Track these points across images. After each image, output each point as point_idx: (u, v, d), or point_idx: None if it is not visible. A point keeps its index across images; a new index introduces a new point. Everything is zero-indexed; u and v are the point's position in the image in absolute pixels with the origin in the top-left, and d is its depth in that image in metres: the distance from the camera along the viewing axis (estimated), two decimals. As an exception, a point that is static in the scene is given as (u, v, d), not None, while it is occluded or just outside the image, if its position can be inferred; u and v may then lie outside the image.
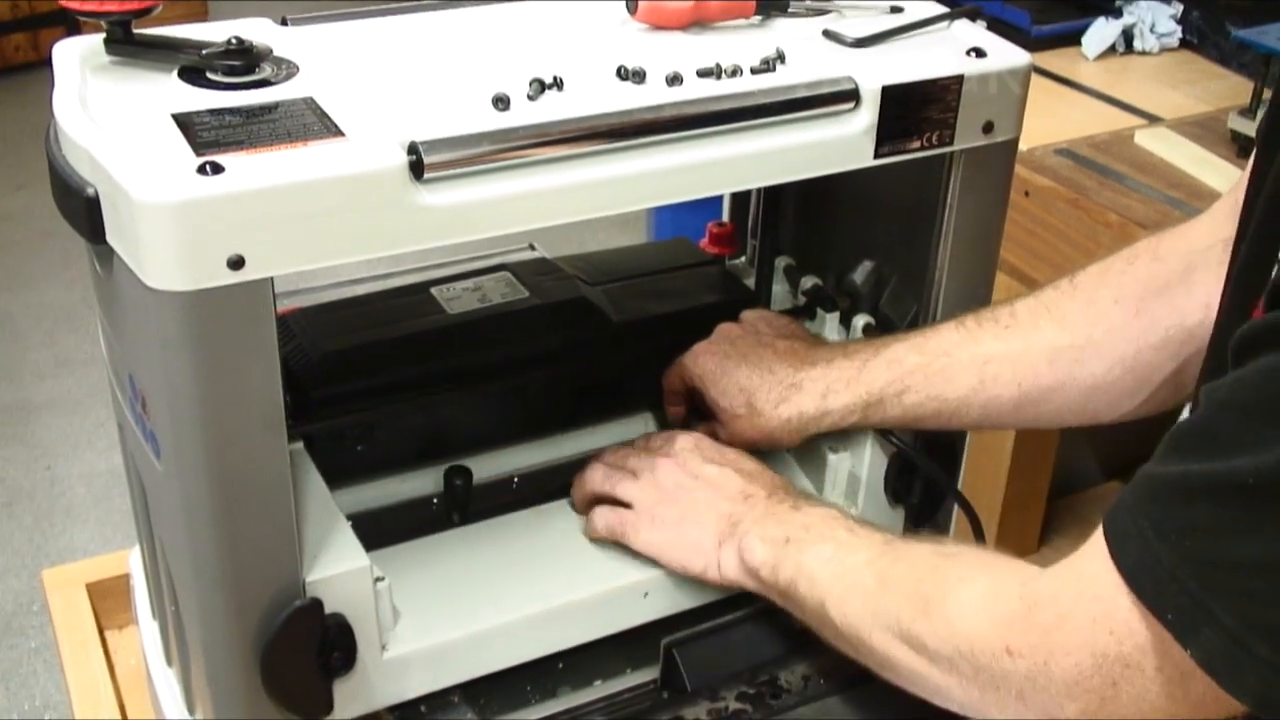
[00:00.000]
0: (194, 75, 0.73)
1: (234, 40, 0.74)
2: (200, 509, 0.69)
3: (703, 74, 0.78)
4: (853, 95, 0.79)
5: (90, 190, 0.66)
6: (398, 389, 0.90)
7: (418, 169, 0.67)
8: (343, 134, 0.68)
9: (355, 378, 0.89)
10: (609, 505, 0.89)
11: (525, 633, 0.84)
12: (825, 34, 0.85)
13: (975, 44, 0.84)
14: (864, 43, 0.83)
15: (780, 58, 0.80)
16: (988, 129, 0.84)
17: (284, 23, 0.82)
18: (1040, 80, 1.85)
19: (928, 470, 0.93)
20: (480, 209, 0.69)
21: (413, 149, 0.67)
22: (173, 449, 0.69)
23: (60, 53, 0.76)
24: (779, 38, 0.84)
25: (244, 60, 0.73)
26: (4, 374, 2.91)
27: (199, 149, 0.65)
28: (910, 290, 0.94)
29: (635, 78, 0.77)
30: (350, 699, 0.78)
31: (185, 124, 0.68)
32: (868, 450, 0.93)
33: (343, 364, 0.89)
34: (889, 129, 0.80)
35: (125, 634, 1.07)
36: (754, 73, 0.79)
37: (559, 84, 0.74)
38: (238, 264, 0.63)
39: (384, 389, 0.90)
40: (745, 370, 0.92)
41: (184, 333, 0.64)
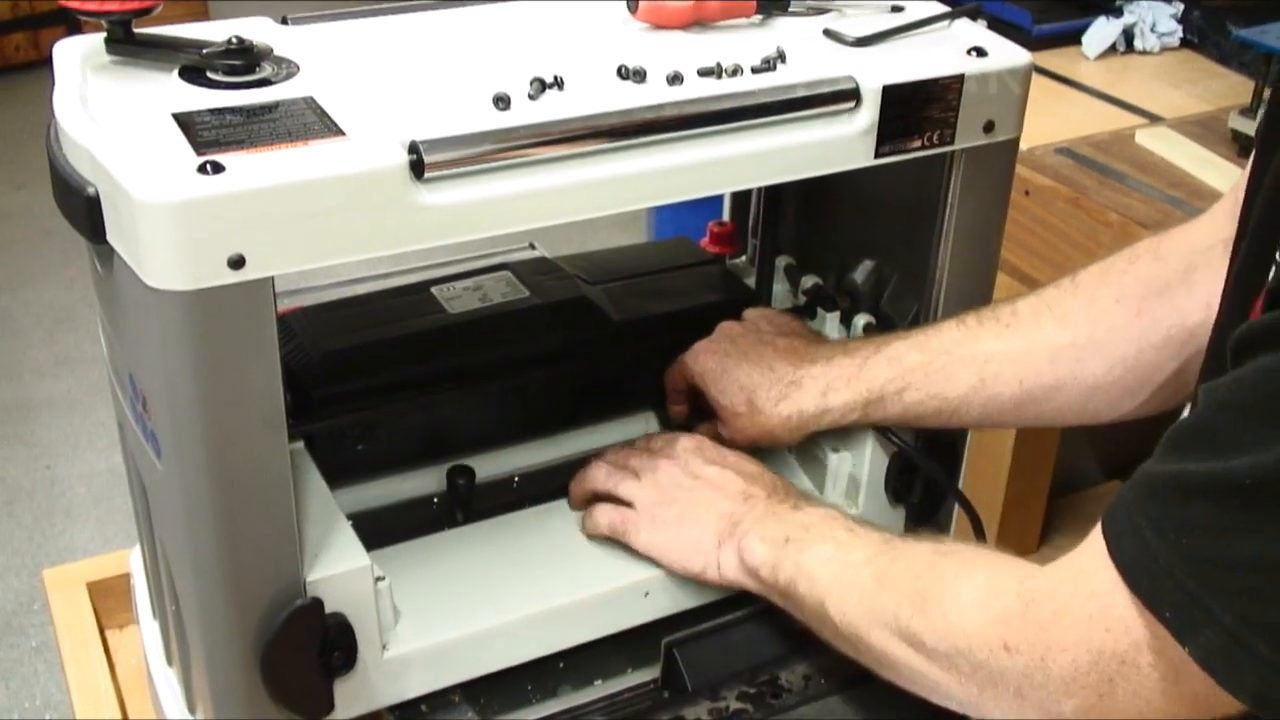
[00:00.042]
0: (194, 75, 0.73)
1: (234, 40, 0.74)
2: (201, 508, 0.69)
3: (703, 73, 0.78)
4: (853, 95, 0.79)
5: (91, 189, 0.66)
6: (398, 388, 0.90)
7: (418, 168, 0.67)
8: (343, 133, 0.68)
9: (356, 377, 0.89)
10: (610, 504, 0.89)
11: (526, 632, 0.84)
12: (826, 33, 0.85)
13: (976, 43, 0.84)
14: (865, 42, 0.83)
15: (781, 57, 0.80)
16: (988, 128, 0.84)
17: (284, 22, 0.82)
18: (1041, 80, 1.85)
19: (928, 469, 0.93)
20: (481, 208, 0.69)
21: (413, 148, 0.67)
22: (173, 448, 0.69)
23: (61, 52, 0.76)
24: (779, 37, 0.84)
25: (244, 60, 0.73)
26: (4, 373, 2.91)
27: (199, 148, 0.65)
28: (911, 290, 0.94)
29: (636, 77, 0.77)
30: (351, 698, 0.78)
31: (186, 123, 0.68)
32: (868, 449, 0.93)
33: (343, 363, 0.89)
34: (890, 128, 0.80)
35: (126, 633, 1.07)
36: (755, 72, 0.79)
37: (559, 83, 0.74)
38: (238, 263, 0.63)
39: (384, 388, 0.90)
40: (745, 368, 0.92)
41: (184, 332, 0.64)
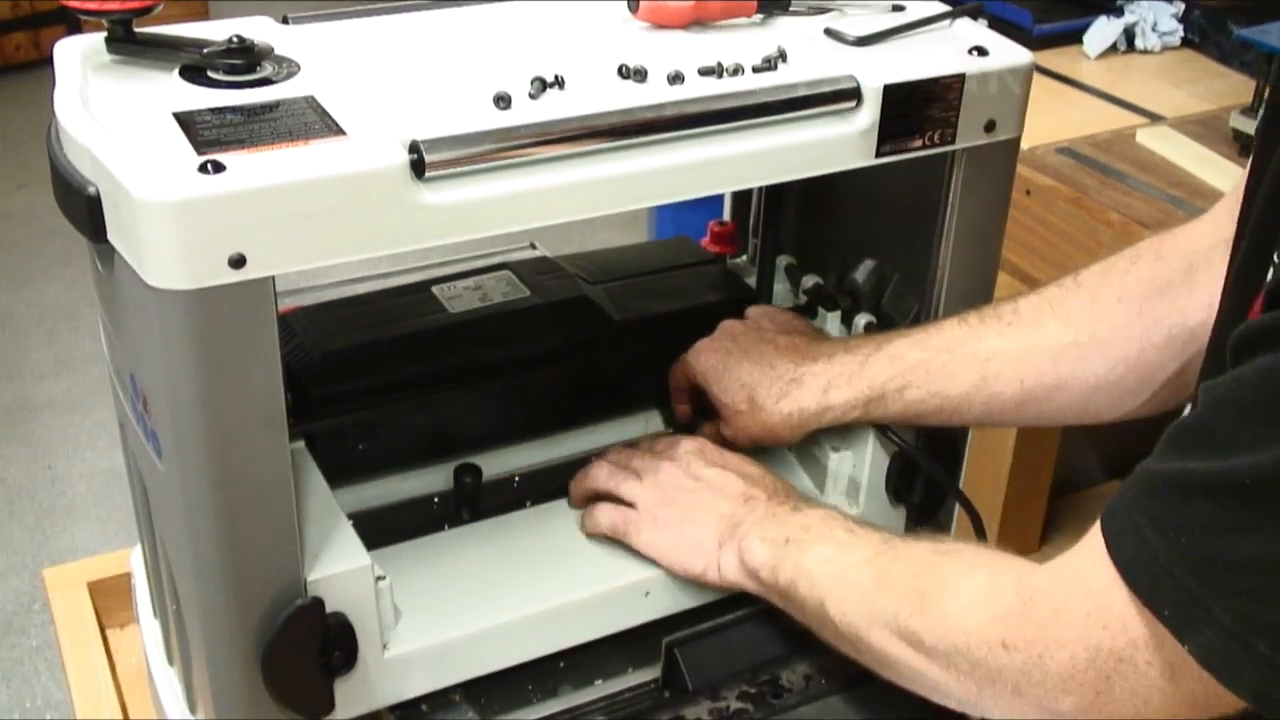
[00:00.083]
0: (195, 74, 0.73)
1: (235, 39, 0.74)
2: (201, 508, 0.69)
3: (704, 73, 0.78)
4: (854, 94, 0.79)
5: (91, 189, 0.66)
6: (399, 388, 0.90)
7: (419, 168, 0.67)
8: (344, 133, 0.68)
9: (356, 376, 0.89)
10: (611, 504, 0.89)
11: (526, 632, 0.84)
12: (827, 32, 0.85)
13: (977, 42, 0.84)
14: (865, 41, 0.83)
15: (782, 56, 0.80)
16: (989, 128, 0.84)
17: (285, 21, 0.82)
18: (1042, 79, 1.84)
19: (929, 469, 0.93)
20: (481, 208, 0.69)
21: (414, 148, 0.67)
22: (174, 448, 0.69)
23: (61, 51, 0.76)
24: (780, 36, 0.84)
25: (245, 59, 0.73)
26: (5, 373, 2.91)
27: (200, 148, 0.65)
28: (912, 289, 0.94)
29: (637, 76, 0.77)
30: (351, 698, 0.78)
31: (186, 123, 0.68)
32: (869, 449, 0.92)
33: (344, 363, 0.89)
34: (890, 128, 0.80)
35: (126, 633, 1.07)
36: (755, 71, 0.79)
37: (560, 83, 0.74)
38: (239, 263, 0.63)
39: (385, 388, 0.90)
40: (746, 366, 0.92)
41: (185, 332, 0.64)
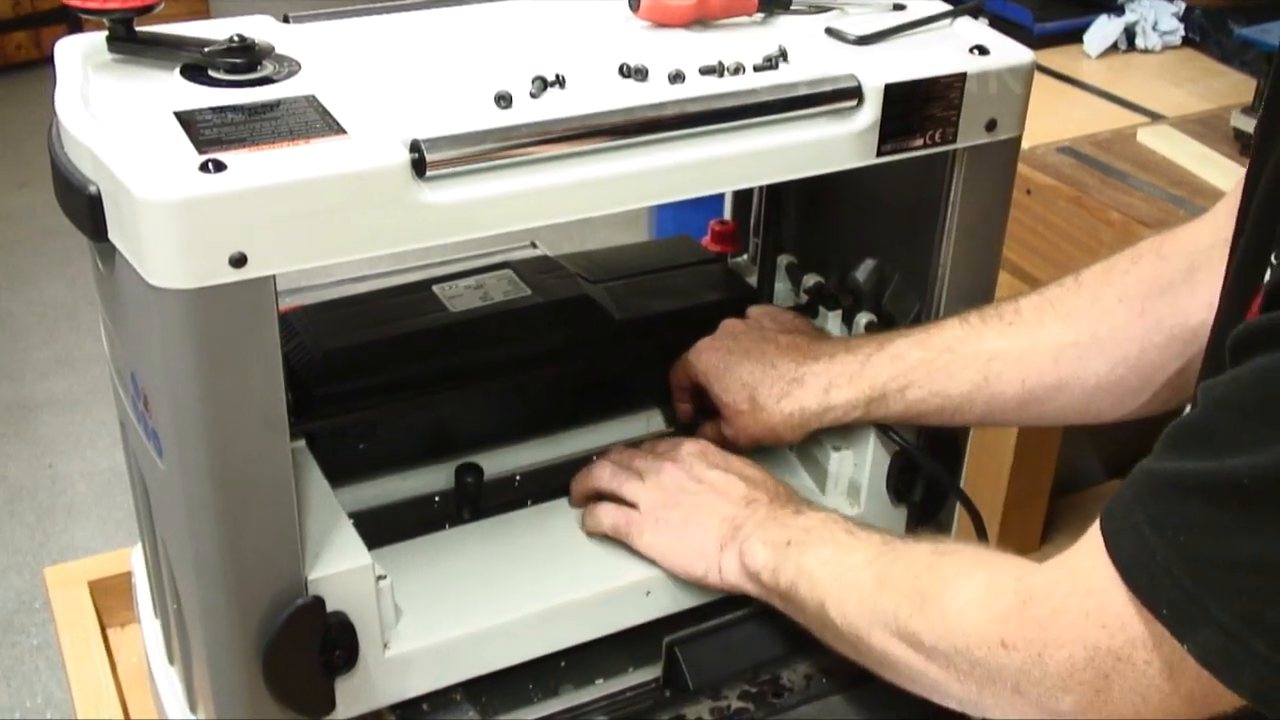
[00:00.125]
0: (196, 73, 0.73)
1: (236, 38, 0.74)
2: (202, 507, 0.69)
3: (705, 72, 0.77)
4: (855, 93, 0.79)
5: (92, 188, 0.66)
6: (400, 387, 0.90)
7: (420, 167, 0.67)
8: (345, 132, 0.68)
9: (357, 376, 0.89)
10: (613, 504, 0.89)
11: (527, 631, 0.84)
12: (828, 31, 0.85)
13: (978, 41, 0.84)
14: (866, 40, 0.83)
15: (783, 55, 0.80)
16: (990, 127, 0.83)
17: (286, 20, 0.82)
18: (1042, 78, 1.84)
19: (930, 469, 0.93)
20: (482, 207, 0.69)
21: (415, 147, 0.67)
22: (175, 447, 0.69)
23: (62, 50, 0.76)
24: (781, 35, 0.84)
25: (246, 58, 0.73)
26: (5, 372, 2.91)
27: (201, 147, 0.65)
28: (913, 288, 0.94)
29: (637, 75, 0.77)
30: (352, 697, 0.78)
31: (187, 122, 0.68)
32: (870, 449, 0.92)
33: (345, 362, 0.89)
34: (891, 127, 0.80)
35: (127, 632, 1.07)
36: (756, 70, 0.79)
37: (561, 82, 0.74)
38: (240, 262, 0.63)
39: (386, 387, 0.90)
40: (748, 366, 0.92)
41: (186, 331, 0.64)
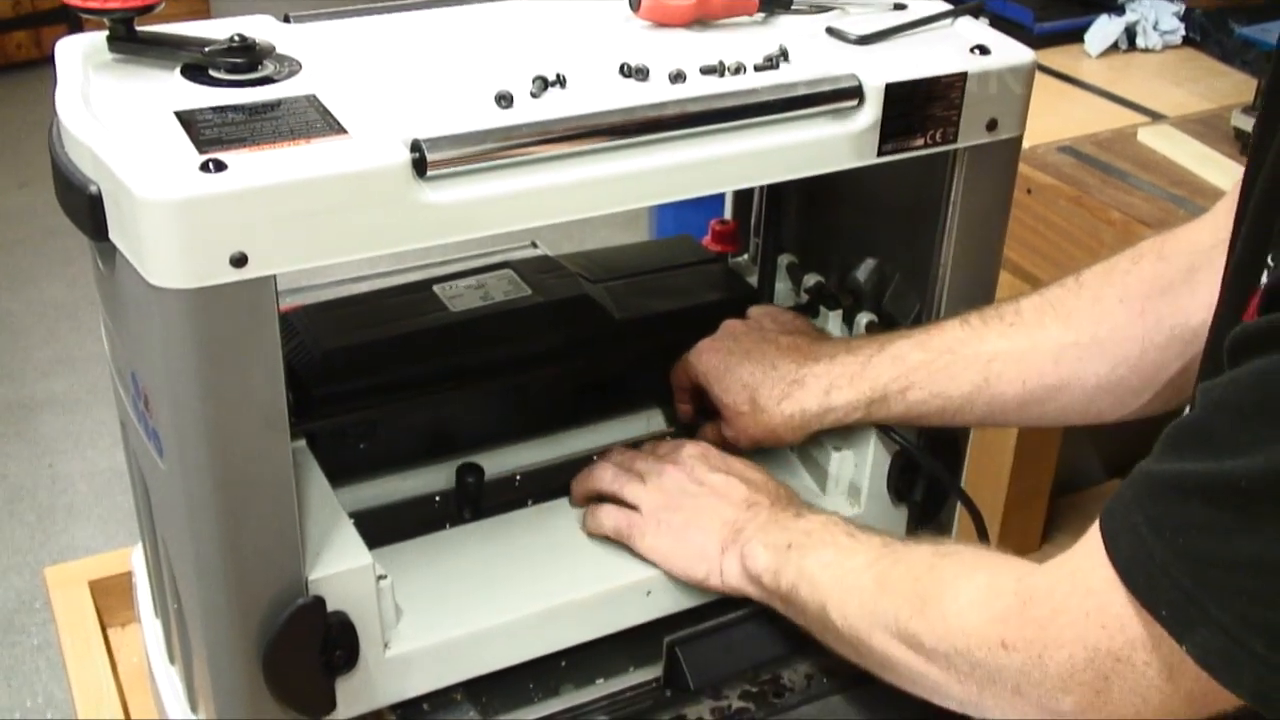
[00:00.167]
0: (197, 73, 0.73)
1: (237, 37, 0.74)
2: (203, 507, 0.69)
3: (706, 71, 0.77)
4: (856, 93, 0.79)
5: (93, 188, 0.66)
6: (400, 387, 0.90)
7: (420, 166, 0.67)
8: (345, 131, 0.68)
9: (357, 375, 0.89)
10: (615, 506, 0.89)
11: (528, 631, 0.84)
12: (828, 31, 0.85)
13: (979, 41, 0.84)
14: (867, 40, 0.83)
15: (783, 55, 0.80)
16: (991, 126, 0.83)
17: (286, 20, 0.82)
18: (1043, 77, 1.83)
19: (931, 469, 0.93)
20: (483, 206, 0.69)
21: (415, 146, 0.67)
22: (175, 447, 0.69)
23: (63, 50, 0.75)
24: (782, 35, 0.84)
25: (247, 57, 0.73)
26: (6, 372, 2.92)
27: (202, 146, 0.65)
28: (913, 288, 0.94)
29: (638, 75, 0.76)
30: (353, 697, 0.78)
31: (188, 121, 0.68)
32: (871, 449, 0.92)
33: (345, 362, 0.89)
34: (892, 126, 0.80)
35: (128, 632, 1.07)
36: (757, 70, 0.78)
37: (562, 81, 0.74)
38: (240, 262, 0.63)
39: (386, 387, 0.90)
40: (748, 367, 0.91)
41: (186, 330, 0.64)
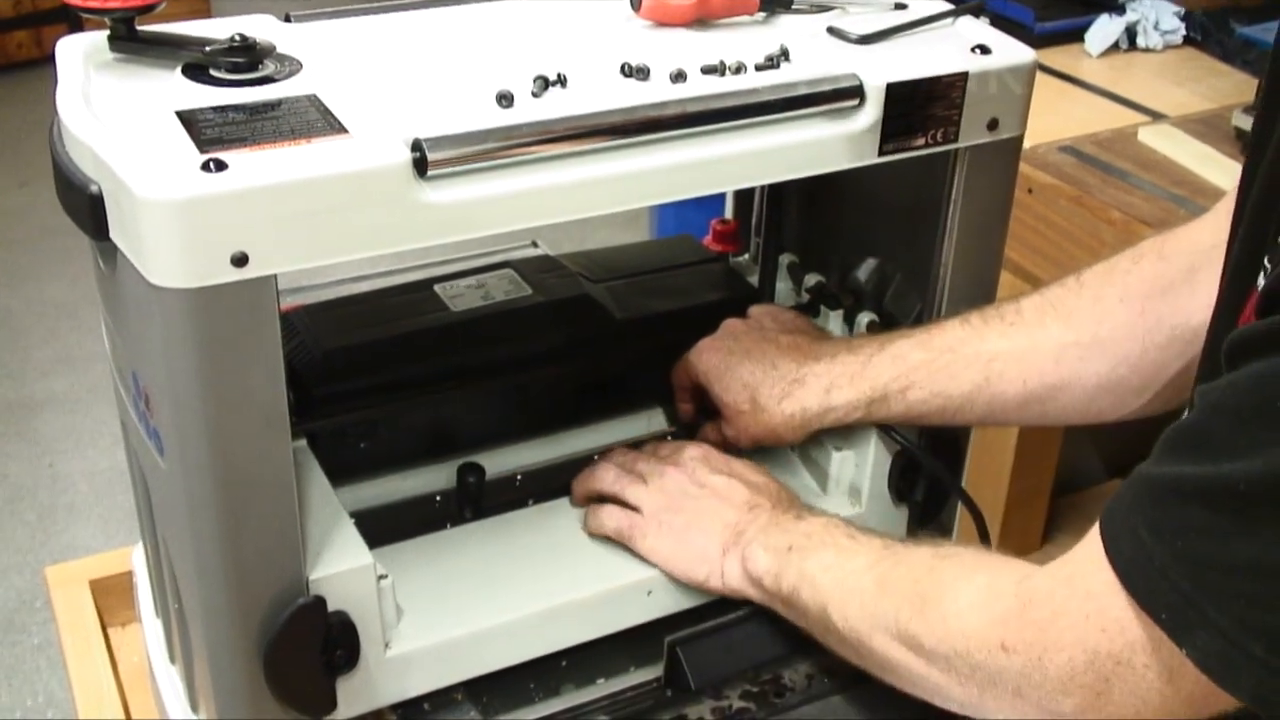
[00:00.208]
0: (197, 72, 0.73)
1: (237, 37, 0.74)
2: (203, 506, 0.69)
3: (707, 71, 0.77)
4: (857, 92, 0.78)
5: (94, 187, 0.66)
6: (401, 386, 0.90)
7: (421, 166, 0.67)
8: (346, 131, 0.68)
9: (358, 375, 0.89)
10: (616, 506, 0.89)
11: (528, 631, 0.84)
12: (829, 31, 0.85)
13: (979, 41, 0.84)
14: (868, 40, 0.83)
15: (784, 55, 0.80)
16: (992, 126, 0.83)
17: (287, 19, 0.82)
18: (1043, 77, 1.82)
19: (931, 468, 0.93)
20: (484, 206, 0.69)
21: (416, 146, 0.67)
22: (176, 446, 0.69)
23: (63, 49, 0.75)
24: (783, 34, 0.84)
25: (247, 57, 0.73)
26: (6, 371, 2.92)
27: (202, 146, 0.65)
28: (914, 288, 0.94)
29: (639, 75, 0.76)
30: (353, 697, 0.78)
31: (189, 121, 0.68)
32: (871, 448, 0.92)
33: (346, 361, 0.89)
34: (893, 126, 0.80)
35: (128, 631, 1.07)
36: (758, 70, 0.78)
37: (562, 81, 0.74)
38: (241, 261, 0.63)
39: (387, 386, 0.90)
40: (748, 366, 0.91)
41: (187, 330, 0.64)
